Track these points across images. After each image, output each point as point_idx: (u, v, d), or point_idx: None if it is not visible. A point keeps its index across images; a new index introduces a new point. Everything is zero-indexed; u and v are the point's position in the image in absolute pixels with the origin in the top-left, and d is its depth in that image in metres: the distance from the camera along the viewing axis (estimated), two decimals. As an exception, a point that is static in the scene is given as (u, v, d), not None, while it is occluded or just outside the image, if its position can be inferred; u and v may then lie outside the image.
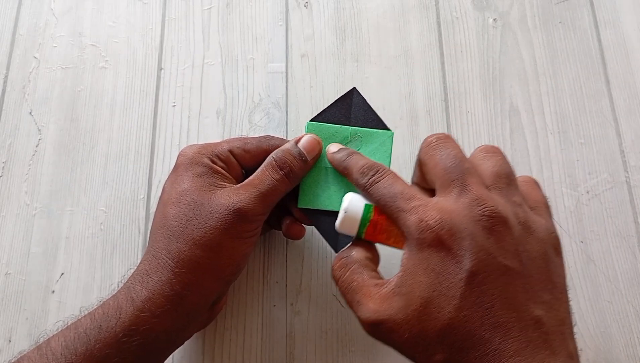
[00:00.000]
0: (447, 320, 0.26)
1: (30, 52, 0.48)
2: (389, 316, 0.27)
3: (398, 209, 0.29)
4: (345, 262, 0.31)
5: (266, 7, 0.49)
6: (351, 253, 0.31)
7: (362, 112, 0.36)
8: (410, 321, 0.27)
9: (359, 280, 0.30)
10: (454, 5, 0.49)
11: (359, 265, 0.30)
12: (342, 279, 0.30)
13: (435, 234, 0.27)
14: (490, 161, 0.30)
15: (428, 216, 0.27)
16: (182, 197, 0.33)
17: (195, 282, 0.32)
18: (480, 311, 0.25)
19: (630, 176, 0.44)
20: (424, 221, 0.27)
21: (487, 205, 0.27)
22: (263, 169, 0.34)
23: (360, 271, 0.30)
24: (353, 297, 0.29)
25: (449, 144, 0.30)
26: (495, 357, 0.25)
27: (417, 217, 0.27)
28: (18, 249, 0.42)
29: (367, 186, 0.31)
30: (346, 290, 0.30)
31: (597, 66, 0.47)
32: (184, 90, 0.47)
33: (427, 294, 0.26)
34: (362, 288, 0.29)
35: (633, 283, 0.41)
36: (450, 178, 0.28)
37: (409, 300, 0.27)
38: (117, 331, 0.30)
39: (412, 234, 0.27)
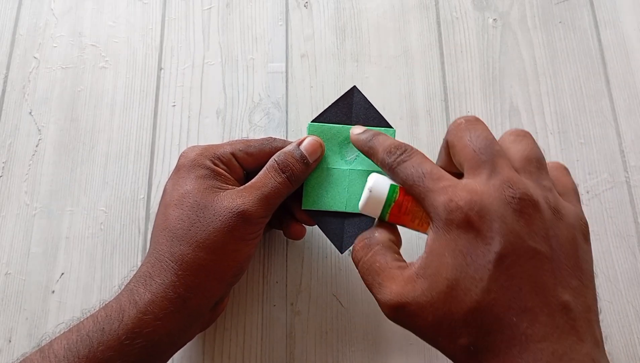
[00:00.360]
0: (474, 303, 0.25)
1: (30, 52, 0.48)
2: (412, 298, 0.26)
3: (426, 189, 0.28)
4: (367, 243, 0.30)
5: (266, 7, 0.49)
6: (374, 234, 0.30)
7: (364, 110, 0.36)
8: (435, 303, 0.26)
9: (381, 261, 0.29)
10: (454, 5, 0.49)
11: (382, 246, 0.30)
12: (364, 260, 0.30)
13: (465, 215, 0.26)
14: (521, 145, 0.29)
15: (457, 196, 0.26)
16: (185, 199, 0.33)
17: (198, 285, 0.32)
18: (508, 294, 0.25)
19: (630, 176, 0.44)
20: (453, 201, 0.26)
21: (518, 188, 0.26)
22: (265, 172, 0.34)
23: (383, 253, 0.29)
24: (374, 279, 0.29)
25: (478, 126, 0.29)
26: (522, 342, 0.24)
27: (446, 197, 0.27)
28: (18, 249, 0.42)
29: (394, 165, 0.30)
30: (367, 272, 0.29)
31: (597, 66, 0.47)
32: (184, 90, 0.47)
33: (453, 276, 0.26)
34: (384, 270, 0.28)
35: (633, 283, 0.41)
36: (480, 160, 0.28)
37: (435, 282, 0.26)
38: (120, 334, 0.30)
39: (439, 214, 0.27)
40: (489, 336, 0.25)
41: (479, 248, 0.25)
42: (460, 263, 0.26)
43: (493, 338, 0.25)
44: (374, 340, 0.40)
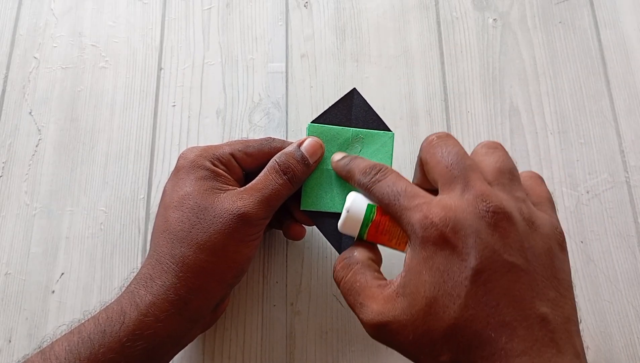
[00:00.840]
0: (453, 320, 0.25)
1: (30, 52, 0.48)
2: (393, 317, 0.27)
3: (401, 208, 0.28)
4: (347, 263, 0.30)
5: (266, 7, 0.49)
6: (353, 254, 0.31)
7: (363, 113, 0.36)
8: (415, 322, 0.26)
9: (361, 280, 0.29)
10: (454, 5, 0.49)
11: (362, 265, 0.30)
12: (345, 280, 0.30)
13: (440, 231, 0.26)
14: (492, 157, 0.29)
15: (432, 213, 0.26)
16: (185, 201, 0.33)
17: (199, 286, 0.32)
18: (486, 310, 0.25)
19: (630, 176, 0.44)
20: (428, 219, 0.26)
21: (491, 201, 0.26)
22: (266, 173, 0.34)
23: (362, 272, 0.30)
24: (356, 299, 0.29)
25: (450, 141, 0.29)
26: (501, 357, 0.25)
27: (421, 214, 0.27)
28: (18, 249, 0.42)
29: (370, 185, 0.30)
30: (348, 292, 0.30)
31: (597, 66, 0.47)
32: (184, 90, 0.47)
33: (431, 293, 0.26)
34: (364, 289, 0.29)
35: (633, 283, 0.41)
36: (452, 175, 0.28)
37: (414, 300, 0.26)
38: (121, 336, 0.30)
39: (415, 232, 0.27)
40: (469, 352, 0.25)
41: (455, 265, 0.26)
42: (438, 280, 0.26)
43: (473, 355, 0.25)
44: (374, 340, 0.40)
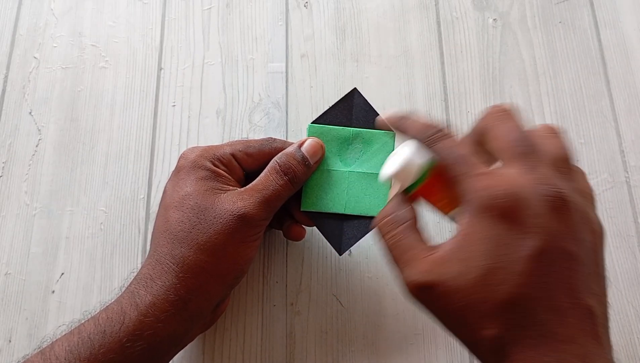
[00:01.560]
0: (508, 295, 0.25)
1: (30, 52, 0.48)
2: (443, 280, 0.26)
3: (463, 173, 0.27)
4: (395, 218, 0.29)
5: (266, 7, 0.49)
6: (401, 210, 0.30)
7: (364, 113, 0.36)
8: (467, 289, 0.25)
9: (411, 238, 0.28)
10: (454, 5, 0.49)
11: (411, 224, 0.29)
12: (392, 234, 0.29)
13: (503, 204, 0.25)
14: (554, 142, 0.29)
15: (496, 184, 0.26)
16: (185, 201, 0.33)
17: (199, 287, 0.32)
18: (542, 292, 0.25)
19: (630, 176, 0.44)
20: (491, 189, 0.26)
21: (556, 186, 0.26)
22: (267, 174, 0.34)
23: (411, 231, 0.29)
24: (402, 255, 0.28)
25: (516, 117, 0.29)
26: (549, 340, 0.24)
27: (485, 183, 0.26)
28: (18, 249, 0.42)
29: (432, 141, 0.29)
30: (394, 246, 0.29)
31: (597, 66, 0.47)
32: (184, 90, 0.47)
33: (488, 264, 0.25)
34: (414, 246, 0.28)
35: (633, 283, 0.41)
36: (518, 151, 0.27)
37: (468, 267, 0.25)
38: (121, 336, 0.30)
39: (476, 200, 0.26)
40: (516, 330, 0.25)
41: (516, 240, 0.25)
42: (497, 252, 0.25)
43: (522, 333, 0.25)
44: (374, 340, 0.40)
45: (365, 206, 0.36)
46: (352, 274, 0.41)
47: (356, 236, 0.36)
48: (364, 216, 0.36)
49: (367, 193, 0.36)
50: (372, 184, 0.36)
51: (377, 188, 0.36)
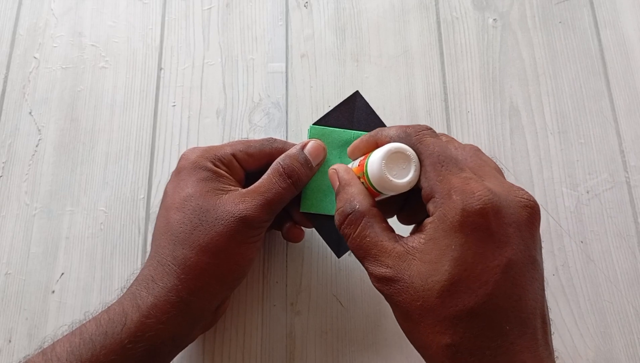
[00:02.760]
0: (473, 304, 0.24)
1: (30, 52, 0.48)
2: (407, 277, 0.26)
3: (449, 173, 0.27)
4: (352, 219, 0.29)
5: (266, 7, 0.49)
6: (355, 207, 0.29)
7: (365, 115, 0.36)
8: (429, 291, 0.25)
9: (371, 235, 0.28)
10: (454, 5, 0.49)
11: (368, 218, 0.28)
12: (353, 237, 0.29)
13: (483, 213, 0.25)
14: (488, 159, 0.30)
15: (479, 191, 0.25)
16: (187, 202, 0.33)
17: (201, 288, 0.32)
18: (509, 303, 0.25)
19: (630, 176, 0.44)
20: (474, 196, 0.25)
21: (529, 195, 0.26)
22: (270, 176, 0.34)
23: (371, 225, 0.28)
24: (367, 253, 0.28)
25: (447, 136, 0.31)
26: (507, 351, 0.24)
27: (468, 188, 0.26)
28: (18, 249, 0.42)
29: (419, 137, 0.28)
30: (359, 247, 0.28)
31: (597, 66, 0.47)
32: (184, 90, 0.47)
33: (457, 271, 0.25)
34: (376, 244, 0.28)
35: (633, 283, 0.41)
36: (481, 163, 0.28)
37: (434, 270, 0.25)
38: (123, 337, 0.30)
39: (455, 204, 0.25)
40: (478, 340, 0.25)
41: (489, 250, 0.25)
42: (468, 260, 0.25)
43: (481, 343, 0.25)
44: (374, 340, 0.40)
45: None
46: (352, 274, 0.41)
47: None
48: None
49: None
50: None
51: None
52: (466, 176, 0.26)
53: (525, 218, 0.26)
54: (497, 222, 0.25)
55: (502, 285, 0.24)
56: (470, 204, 0.25)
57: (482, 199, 0.25)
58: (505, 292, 0.25)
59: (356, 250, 0.29)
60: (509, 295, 0.25)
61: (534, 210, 0.26)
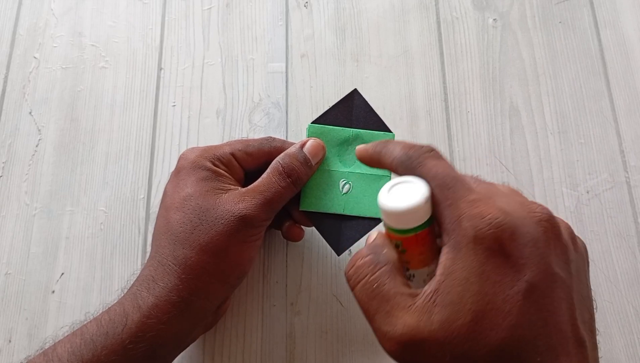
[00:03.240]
0: (500, 340, 0.22)
1: (30, 52, 0.48)
2: (429, 333, 0.22)
3: (457, 196, 0.24)
4: (374, 260, 0.26)
5: (266, 7, 0.49)
6: (382, 251, 0.26)
7: (364, 113, 0.36)
8: (455, 339, 0.22)
9: (390, 285, 0.24)
10: (454, 5, 0.49)
11: (393, 266, 0.25)
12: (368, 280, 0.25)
13: (497, 235, 0.23)
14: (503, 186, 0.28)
15: (490, 213, 0.23)
16: (186, 202, 0.33)
17: (201, 288, 0.32)
18: (535, 330, 0.22)
19: (630, 176, 0.44)
20: (485, 219, 0.23)
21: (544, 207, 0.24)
22: (269, 175, 0.34)
23: (392, 275, 0.25)
24: (380, 306, 0.24)
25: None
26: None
27: (478, 211, 0.23)
28: (18, 249, 0.42)
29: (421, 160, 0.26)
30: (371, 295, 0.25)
31: (597, 66, 0.47)
32: (184, 90, 0.47)
33: (480, 306, 0.22)
34: (395, 295, 0.24)
35: (633, 283, 0.41)
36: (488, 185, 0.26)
37: (457, 313, 0.22)
38: (124, 337, 0.30)
39: (466, 230, 0.23)
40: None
41: (508, 275, 0.23)
42: (488, 291, 0.22)
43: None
44: (374, 340, 0.40)
45: (364, 206, 0.36)
46: (352, 274, 0.41)
47: (354, 237, 0.36)
48: (363, 217, 0.36)
49: (366, 193, 0.36)
50: (371, 185, 0.36)
51: (376, 189, 0.36)
52: (474, 198, 0.24)
53: (541, 233, 0.23)
54: (512, 244, 0.23)
55: (526, 312, 0.22)
56: (482, 229, 0.23)
57: (493, 223, 0.23)
58: (530, 319, 0.22)
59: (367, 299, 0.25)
60: (534, 322, 0.22)
61: (550, 223, 0.24)
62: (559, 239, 0.24)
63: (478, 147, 0.45)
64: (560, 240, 0.24)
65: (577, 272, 0.25)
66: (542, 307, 0.23)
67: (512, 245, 0.23)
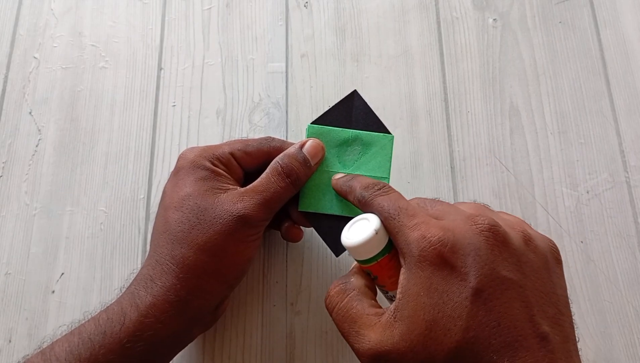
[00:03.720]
0: (455, 343, 0.24)
1: (30, 52, 0.48)
2: (392, 345, 0.25)
3: (400, 224, 0.27)
4: (343, 288, 0.29)
5: (266, 7, 0.49)
6: (350, 279, 0.30)
7: (363, 115, 0.36)
8: (415, 347, 0.25)
9: (357, 307, 0.28)
10: (454, 5, 0.49)
11: (359, 292, 0.29)
12: (340, 306, 0.29)
13: (438, 251, 0.25)
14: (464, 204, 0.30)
15: (430, 233, 0.26)
16: (185, 202, 0.33)
17: (199, 287, 0.32)
18: (487, 330, 0.24)
19: (630, 176, 0.44)
20: (426, 238, 0.26)
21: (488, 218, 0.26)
22: (268, 175, 0.34)
23: (359, 299, 0.28)
24: (351, 327, 0.28)
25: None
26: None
27: (419, 233, 0.26)
28: (18, 249, 0.42)
29: (372, 198, 0.30)
30: (343, 319, 0.28)
31: (597, 66, 0.47)
32: (184, 90, 0.47)
33: (431, 316, 0.25)
34: (361, 317, 0.27)
35: (633, 283, 0.41)
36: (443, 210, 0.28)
37: (412, 324, 0.25)
38: (122, 337, 0.30)
39: (412, 251, 0.26)
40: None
41: (454, 285, 0.25)
42: (437, 301, 0.25)
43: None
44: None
45: None
46: (352, 274, 0.41)
47: None
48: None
49: None
50: None
51: None
52: (417, 222, 0.27)
53: (483, 242, 0.25)
54: (454, 256, 0.25)
55: (476, 315, 0.24)
56: (425, 248, 0.25)
57: (433, 241, 0.25)
58: (480, 321, 0.24)
59: (340, 322, 0.28)
60: (485, 323, 0.24)
61: (492, 232, 0.26)
62: (506, 244, 0.26)
63: (478, 147, 0.45)
64: (507, 245, 0.26)
65: (534, 273, 0.26)
66: (492, 308, 0.24)
67: (454, 257, 0.25)
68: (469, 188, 0.44)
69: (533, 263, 0.26)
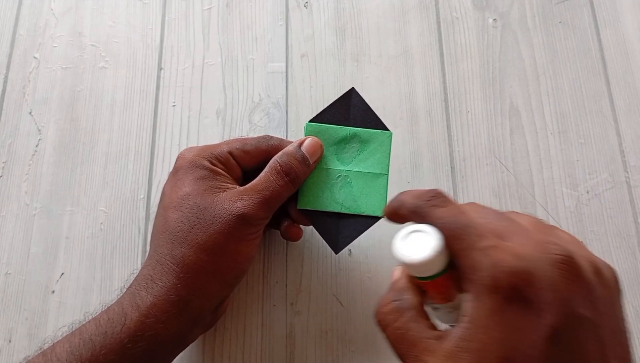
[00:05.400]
0: None
1: (30, 52, 0.48)
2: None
3: (467, 246, 0.25)
4: (398, 307, 0.27)
5: (266, 7, 0.49)
6: (404, 296, 0.27)
7: (361, 112, 0.36)
8: None
9: (416, 330, 0.26)
10: (454, 5, 0.49)
11: (416, 312, 0.26)
12: (395, 326, 0.26)
13: (512, 283, 0.23)
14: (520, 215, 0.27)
15: (503, 261, 0.23)
16: (184, 201, 0.33)
17: (200, 287, 0.32)
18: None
19: (630, 176, 0.44)
20: (498, 267, 0.23)
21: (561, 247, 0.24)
22: (267, 173, 0.34)
23: (417, 320, 0.26)
24: (409, 350, 0.25)
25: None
26: None
27: (490, 261, 0.24)
28: (18, 249, 0.42)
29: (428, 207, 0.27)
30: (400, 340, 0.26)
31: (597, 66, 0.47)
32: (184, 90, 0.47)
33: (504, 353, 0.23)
34: (420, 340, 0.25)
35: (633, 283, 0.41)
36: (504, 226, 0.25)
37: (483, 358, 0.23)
38: (123, 337, 0.30)
39: (483, 280, 0.24)
40: None
41: (529, 321, 0.23)
42: (511, 338, 0.23)
43: None
44: (374, 340, 0.40)
45: (361, 205, 0.36)
46: (352, 274, 0.41)
47: (352, 235, 0.36)
48: (360, 215, 0.36)
49: (363, 191, 0.36)
50: (368, 183, 0.36)
51: (373, 187, 0.36)
52: (488, 245, 0.24)
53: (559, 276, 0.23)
54: (530, 290, 0.23)
55: (553, 356, 0.22)
56: (498, 279, 0.23)
57: (507, 271, 0.23)
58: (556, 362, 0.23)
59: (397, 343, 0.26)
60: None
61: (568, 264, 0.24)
62: (581, 279, 0.24)
63: (478, 147, 0.45)
64: (582, 279, 0.24)
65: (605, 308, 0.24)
66: (569, 350, 0.23)
67: (530, 291, 0.23)
68: (469, 188, 0.44)
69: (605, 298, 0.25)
